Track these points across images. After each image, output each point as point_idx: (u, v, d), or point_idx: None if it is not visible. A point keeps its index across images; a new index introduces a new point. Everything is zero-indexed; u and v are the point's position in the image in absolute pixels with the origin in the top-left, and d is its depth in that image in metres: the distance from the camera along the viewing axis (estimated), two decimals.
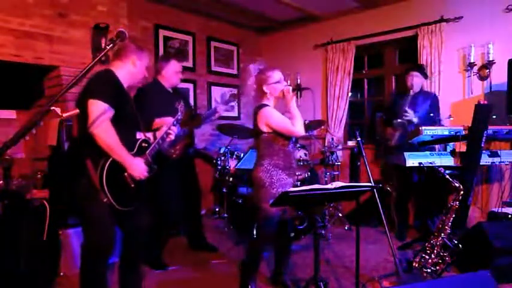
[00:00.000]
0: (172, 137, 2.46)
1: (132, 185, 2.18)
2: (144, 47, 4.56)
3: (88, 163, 2.07)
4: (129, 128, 2.26)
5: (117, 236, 2.24)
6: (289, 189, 1.99)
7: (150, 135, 2.46)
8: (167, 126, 2.44)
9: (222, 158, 4.56)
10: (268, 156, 2.59)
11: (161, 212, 3.30)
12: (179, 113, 2.56)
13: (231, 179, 4.35)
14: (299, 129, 2.50)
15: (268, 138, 2.57)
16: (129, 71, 2.28)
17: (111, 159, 2.07)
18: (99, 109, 2.02)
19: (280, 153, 2.58)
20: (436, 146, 3.96)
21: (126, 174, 2.15)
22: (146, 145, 2.32)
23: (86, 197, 2.11)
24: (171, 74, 3.23)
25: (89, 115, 2.02)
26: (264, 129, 2.55)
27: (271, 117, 2.52)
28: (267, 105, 2.59)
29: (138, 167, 2.18)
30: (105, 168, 2.05)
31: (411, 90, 3.93)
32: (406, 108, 3.80)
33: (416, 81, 3.95)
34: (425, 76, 4.14)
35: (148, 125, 2.74)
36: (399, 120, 3.84)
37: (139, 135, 2.37)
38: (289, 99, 2.55)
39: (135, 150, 2.23)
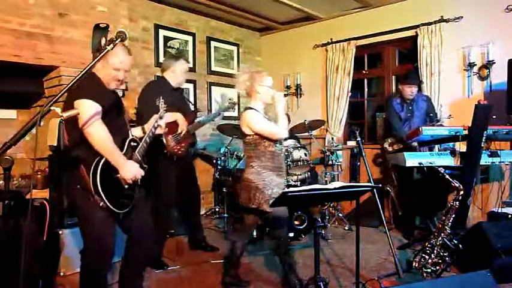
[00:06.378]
0: (163, 127, 2.45)
1: (126, 186, 2.15)
2: (143, 46, 4.66)
3: (81, 169, 2.04)
4: (117, 128, 2.21)
5: (117, 237, 2.22)
6: (287, 190, 1.99)
7: (137, 131, 2.43)
8: (180, 124, 2.68)
9: (222, 158, 4.56)
10: (256, 158, 2.64)
11: (161, 211, 3.31)
12: (163, 106, 2.51)
13: (231, 179, 4.35)
14: (281, 131, 2.54)
15: (252, 141, 2.63)
16: (106, 60, 2.08)
17: (102, 162, 2.03)
18: (89, 108, 1.99)
19: (268, 155, 2.62)
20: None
21: (119, 175, 2.11)
22: (135, 144, 2.28)
23: (82, 204, 2.08)
24: (179, 72, 3.35)
25: (80, 115, 1.96)
26: (247, 131, 2.61)
27: (253, 121, 2.57)
28: (252, 108, 2.65)
29: (131, 170, 2.14)
30: (98, 171, 2.01)
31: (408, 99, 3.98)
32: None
33: (414, 90, 3.98)
34: (421, 82, 4.18)
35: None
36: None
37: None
38: (277, 104, 2.59)
39: (124, 150, 2.19)
